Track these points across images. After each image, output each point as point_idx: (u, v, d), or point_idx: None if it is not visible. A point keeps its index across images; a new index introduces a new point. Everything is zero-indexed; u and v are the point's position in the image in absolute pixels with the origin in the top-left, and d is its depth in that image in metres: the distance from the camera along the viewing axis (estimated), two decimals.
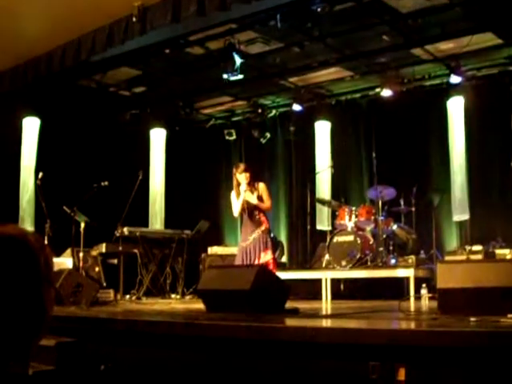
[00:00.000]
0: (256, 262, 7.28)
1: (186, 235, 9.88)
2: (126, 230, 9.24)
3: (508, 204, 9.55)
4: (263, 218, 7.57)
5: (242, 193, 7.52)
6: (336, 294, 8.77)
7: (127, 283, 9.21)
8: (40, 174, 8.87)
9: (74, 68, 9.08)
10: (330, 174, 11.09)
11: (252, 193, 7.53)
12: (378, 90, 10.80)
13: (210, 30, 8.64)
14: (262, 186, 7.67)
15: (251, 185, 7.55)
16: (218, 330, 4.06)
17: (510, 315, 3.82)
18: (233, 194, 7.67)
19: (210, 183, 12.66)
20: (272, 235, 11.23)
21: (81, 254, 8.74)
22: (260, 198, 7.55)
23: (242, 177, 7.53)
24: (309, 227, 10.24)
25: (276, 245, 11.13)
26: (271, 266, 7.26)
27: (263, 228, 7.51)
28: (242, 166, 7.69)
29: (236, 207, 7.61)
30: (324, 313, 6.30)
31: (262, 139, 12.37)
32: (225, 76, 9.03)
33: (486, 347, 3.09)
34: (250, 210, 7.57)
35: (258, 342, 3.82)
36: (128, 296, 9.08)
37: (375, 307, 6.33)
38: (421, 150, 10.50)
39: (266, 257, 7.38)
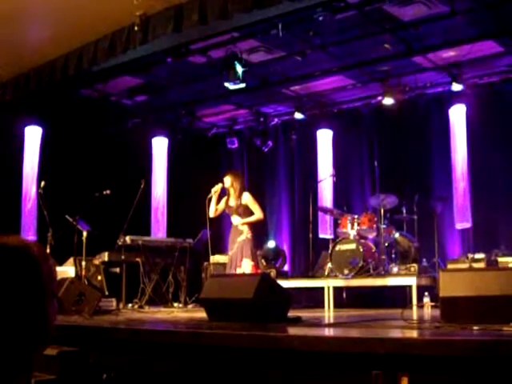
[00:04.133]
0: (238, 271, 7.31)
1: (189, 244, 9.87)
2: (128, 238, 9.23)
3: (510, 212, 9.54)
4: (244, 227, 7.50)
5: (212, 193, 7.54)
6: (338, 303, 8.76)
7: (129, 292, 9.19)
8: (42, 183, 8.88)
9: (75, 77, 9.10)
10: (332, 183, 11.09)
11: (234, 201, 7.51)
12: (379, 98, 10.81)
13: (212, 39, 8.67)
14: (246, 196, 7.55)
15: (236, 196, 7.53)
16: (221, 339, 4.06)
17: None
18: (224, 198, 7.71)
19: None
20: (274, 245, 11.30)
21: (83, 263, 8.72)
22: (246, 211, 7.47)
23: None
24: (311, 235, 10.23)
25: (277, 254, 11.16)
26: None
27: (244, 237, 7.46)
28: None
29: (210, 209, 7.62)
30: (326, 321, 6.28)
31: (264, 148, 12.38)
32: (227, 84, 9.06)
33: (489, 356, 3.08)
34: (231, 216, 7.58)
35: (261, 350, 3.81)
36: (130, 305, 9.05)
37: (377, 316, 6.31)
38: (423, 158, 10.51)
39: (244, 265, 7.33)
